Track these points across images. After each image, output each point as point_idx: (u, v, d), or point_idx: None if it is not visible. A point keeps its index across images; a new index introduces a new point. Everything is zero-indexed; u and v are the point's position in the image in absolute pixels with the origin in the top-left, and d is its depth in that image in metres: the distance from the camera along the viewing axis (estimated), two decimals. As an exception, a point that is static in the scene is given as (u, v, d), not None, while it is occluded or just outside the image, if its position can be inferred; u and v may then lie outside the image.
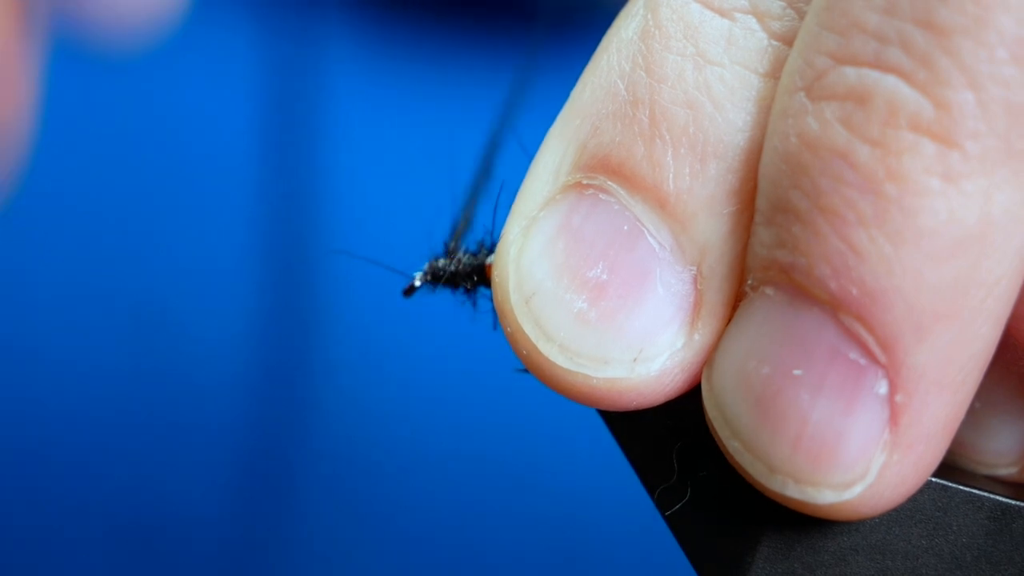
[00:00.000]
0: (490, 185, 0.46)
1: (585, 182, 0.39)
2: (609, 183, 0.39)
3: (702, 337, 0.39)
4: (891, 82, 0.35)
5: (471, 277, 0.47)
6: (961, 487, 0.41)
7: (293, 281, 0.85)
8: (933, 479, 0.41)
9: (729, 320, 0.39)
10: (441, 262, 0.47)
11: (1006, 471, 0.45)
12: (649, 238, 0.39)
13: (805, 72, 0.36)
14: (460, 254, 0.47)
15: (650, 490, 0.42)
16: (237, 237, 0.85)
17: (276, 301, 0.84)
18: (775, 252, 0.37)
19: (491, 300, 0.47)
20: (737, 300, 0.39)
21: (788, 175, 0.36)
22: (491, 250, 0.47)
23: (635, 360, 0.39)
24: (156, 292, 0.84)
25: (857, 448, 0.37)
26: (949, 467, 0.44)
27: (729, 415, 0.38)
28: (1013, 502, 0.41)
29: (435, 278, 0.47)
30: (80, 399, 0.85)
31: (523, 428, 0.82)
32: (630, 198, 0.39)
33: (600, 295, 0.39)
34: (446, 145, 0.85)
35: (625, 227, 0.39)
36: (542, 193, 0.40)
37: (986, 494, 0.41)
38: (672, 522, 0.42)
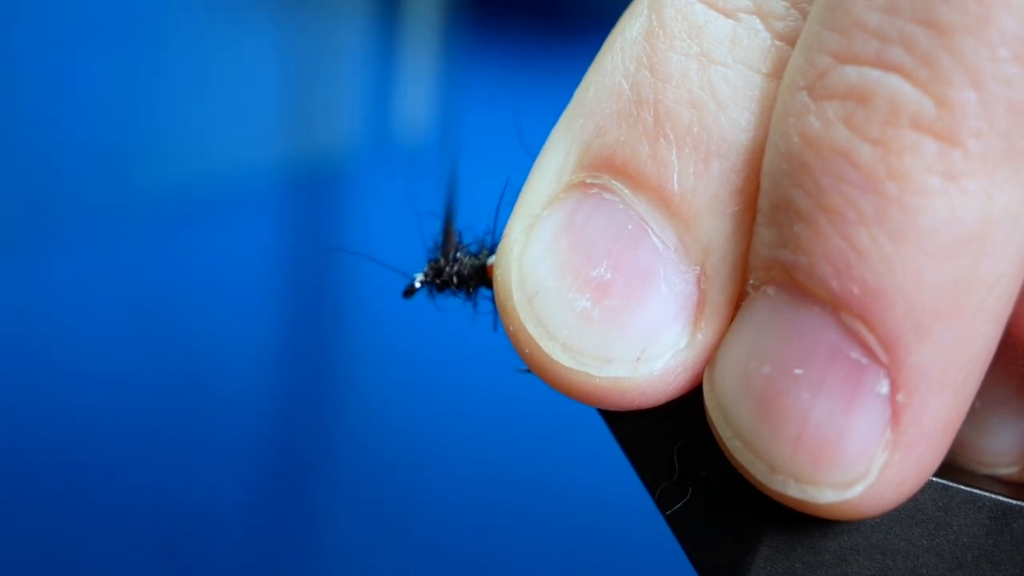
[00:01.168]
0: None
1: (589, 181, 0.39)
2: (613, 182, 0.39)
3: (705, 337, 0.39)
4: (892, 81, 0.35)
5: (472, 278, 0.47)
6: (962, 487, 0.41)
7: (311, 281, 0.85)
8: (934, 479, 0.41)
9: (732, 320, 0.39)
10: (442, 263, 0.47)
11: (1006, 471, 0.45)
12: (653, 237, 0.39)
13: (807, 71, 0.36)
14: (461, 255, 0.47)
15: (651, 490, 0.42)
16: (254, 234, 0.85)
17: (295, 301, 0.85)
18: (777, 251, 0.37)
19: (492, 301, 0.47)
20: (740, 300, 0.39)
21: (790, 174, 0.36)
22: (492, 251, 0.46)
23: (638, 359, 0.39)
24: (177, 291, 0.84)
25: (858, 447, 0.37)
26: (949, 467, 0.44)
27: (730, 415, 0.38)
28: (1013, 502, 0.41)
29: (436, 278, 0.47)
30: (104, 402, 0.85)
31: (524, 428, 0.82)
32: (634, 197, 0.39)
33: (603, 294, 0.39)
34: (462, 140, 0.85)
35: (629, 226, 0.39)
36: (545, 192, 0.40)
37: (987, 494, 0.41)
38: (672, 522, 0.42)
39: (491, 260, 0.46)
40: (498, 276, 0.41)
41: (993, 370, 0.39)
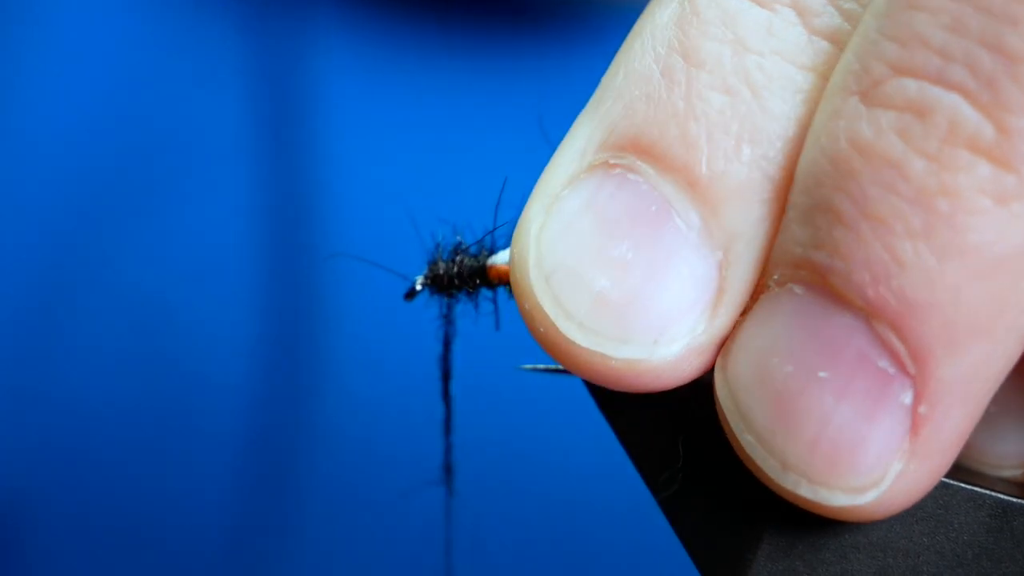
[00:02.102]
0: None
1: (613, 161, 0.39)
2: (638, 163, 0.38)
3: (722, 324, 0.39)
4: (954, 100, 0.35)
5: (472, 279, 0.47)
6: (962, 485, 0.41)
7: (292, 279, 0.85)
8: None
9: (746, 309, 0.39)
10: (442, 265, 0.47)
11: (1010, 472, 0.45)
12: (677, 219, 0.38)
13: (861, 77, 0.36)
14: (460, 256, 0.47)
15: (647, 479, 0.42)
16: (235, 239, 0.85)
17: (276, 300, 0.84)
18: (810, 252, 0.37)
19: (492, 302, 0.47)
20: (758, 291, 0.39)
21: (834, 177, 0.36)
22: (492, 252, 0.47)
23: (655, 342, 0.38)
24: (156, 293, 0.84)
25: (876, 455, 0.37)
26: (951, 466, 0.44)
27: (744, 409, 0.38)
28: (1014, 500, 0.41)
29: (436, 281, 0.47)
30: (87, 400, 0.85)
31: (524, 427, 0.82)
32: (660, 178, 0.38)
33: (624, 275, 0.38)
34: (441, 139, 0.85)
35: (653, 207, 0.38)
36: (567, 172, 0.40)
37: (987, 492, 0.41)
38: (674, 520, 0.42)
39: (491, 261, 0.46)
40: (515, 254, 0.40)
41: (1010, 378, 0.40)
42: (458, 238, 0.47)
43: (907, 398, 0.36)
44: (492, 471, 0.80)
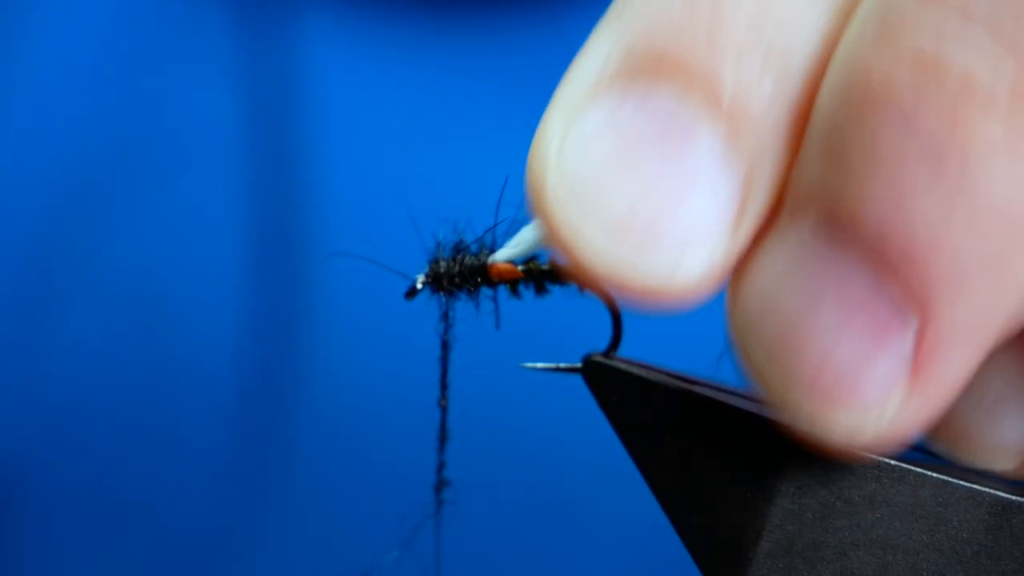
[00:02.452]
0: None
1: (634, 78, 0.38)
2: (661, 80, 0.38)
3: (740, 244, 0.38)
4: (971, 58, 0.35)
5: (473, 277, 0.47)
6: (962, 483, 0.41)
7: (290, 275, 0.85)
8: (934, 475, 0.41)
9: (759, 237, 0.39)
10: (443, 263, 0.47)
11: (1003, 465, 0.45)
12: (702, 139, 0.38)
13: (882, 19, 0.36)
14: (462, 254, 0.47)
15: (648, 477, 0.42)
16: (231, 234, 0.84)
17: (274, 296, 0.84)
18: (823, 190, 0.37)
19: (493, 300, 0.47)
20: (773, 216, 0.38)
21: (849, 119, 0.36)
22: (492, 250, 0.47)
23: (677, 263, 0.38)
24: (150, 286, 0.84)
25: (874, 392, 0.37)
26: (949, 463, 0.44)
27: (751, 337, 0.38)
28: (1013, 498, 0.41)
29: (437, 279, 0.47)
30: (82, 390, 0.85)
31: (523, 427, 0.82)
32: (684, 97, 0.38)
33: (647, 195, 0.38)
34: (442, 133, 0.85)
35: (677, 126, 0.38)
36: (586, 88, 0.39)
37: (986, 490, 0.41)
38: (674, 518, 0.42)
39: (492, 259, 0.46)
40: (532, 171, 0.39)
41: (1009, 367, 0.40)
42: (459, 236, 0.47)
43: (908, 339, 0.37)
44: (491, 471, 0.80)
